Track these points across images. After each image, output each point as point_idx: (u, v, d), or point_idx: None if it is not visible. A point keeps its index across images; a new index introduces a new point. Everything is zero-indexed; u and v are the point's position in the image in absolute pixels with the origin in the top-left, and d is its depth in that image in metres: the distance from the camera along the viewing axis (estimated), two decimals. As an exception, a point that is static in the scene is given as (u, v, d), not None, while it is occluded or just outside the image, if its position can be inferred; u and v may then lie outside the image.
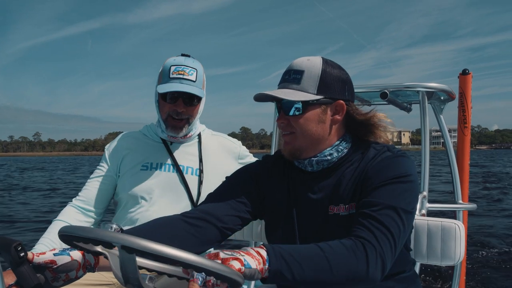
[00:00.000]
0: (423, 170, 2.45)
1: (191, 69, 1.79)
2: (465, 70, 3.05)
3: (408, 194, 1.17)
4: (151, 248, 0.76)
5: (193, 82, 1.78)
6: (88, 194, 1.85)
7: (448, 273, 4.92)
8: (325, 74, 1.24)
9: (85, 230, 0.82)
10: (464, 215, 2.98)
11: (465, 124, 3.14)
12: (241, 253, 0.92)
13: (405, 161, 1.22)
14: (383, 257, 1.06)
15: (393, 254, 1.09)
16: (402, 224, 1.12)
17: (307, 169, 1.31)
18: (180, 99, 1.77)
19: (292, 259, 0.99)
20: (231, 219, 1.30)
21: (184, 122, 1.82)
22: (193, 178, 1.87)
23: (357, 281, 1.03)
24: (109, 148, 1.95)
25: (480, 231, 7.53)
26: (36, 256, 1.00)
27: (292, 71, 1.25)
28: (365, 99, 2.90)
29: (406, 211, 1.14)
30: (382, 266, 1.05)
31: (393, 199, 1.14)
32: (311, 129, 1.25)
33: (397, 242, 1.10)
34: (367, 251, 1.04)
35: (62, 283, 1.03)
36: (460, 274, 2.69)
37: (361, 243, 1.06)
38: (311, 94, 1.22)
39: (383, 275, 1.06)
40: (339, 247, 1.04)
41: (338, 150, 1.28)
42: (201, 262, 0.77)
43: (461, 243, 1.57)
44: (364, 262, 1.03)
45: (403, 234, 1.13)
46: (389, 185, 1.16)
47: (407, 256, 1.34)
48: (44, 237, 1.70)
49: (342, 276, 1.01)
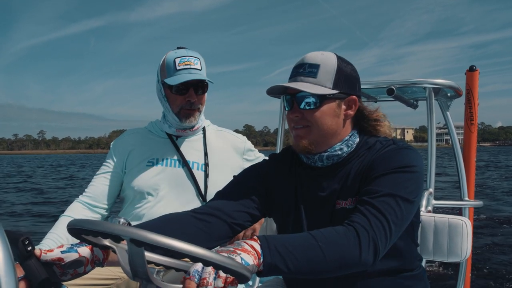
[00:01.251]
0: (429, 167, 2.44)
1: (195, 59, 1.82)
2: (472, 67, 3.02)
3: (410, 184, 1.16)
4: (161, 242, 0.76)
5: (200, 70, 1.81)
6: (95, 190, 1.86)
7: (454, 269, 4.90)
8: (340, 69, 1.25)
9: (94, 223, 0.82)
10: (470, 212, 2.97)
11: (472, 121, 3.12)
12: (237, 251, 0.90)
13: (409, 152, 1.22)
14: (376, 241, 1.05)
15: (388, 240, 1.08)
16: (400, 211, 1.11)
17: (316, 165, 1.31)
18: (191, 88, 1.80)
19: (286, 251, 0.98)
20: (241, 215, 1.30)
21: (196, 111, 1.85)
22: (199, 173, 1.87)
23: (350, 266, 1.04)
24: (115, 144, 1.96)
25: (486, 227, 7.51)
26: (43, 253, 1.00)
27: (307, 64, 1.25)
28: (371, 96, 2.88)
29: (405, 199, 1.13)
30: (374, 250, 1.05)
31: (393, 187, 1.14)
32: (326, 123, 1.25)
33: (393, 228, 1.09)
34: (359, 235, 1.05)
35: (70, 277, 1.03)
36: (466, 271, 2.68)
37: (353, 228, 1.06)
38: (327, 88, 1.23)
39: (376, 260, 1.06)
40: (331, 234, 1.04)
41: (348, 145, 1.29)
42: (210, 255, 0.77)
43: (468, 239, 1.57)
44: (356, 246, 1.03)
45: (401, 222, 1.12)
46: (391, 174, 1.16)
47: (415, 253, 1.34)
48: (51, 232, 1.71)
49: (336, 262, 1.02)
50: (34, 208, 11.99)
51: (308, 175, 1.33)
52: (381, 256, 1.08)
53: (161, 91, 1.85)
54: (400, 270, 1.26)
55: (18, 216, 10.71)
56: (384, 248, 1.08)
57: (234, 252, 0.89)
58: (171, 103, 1.83)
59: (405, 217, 1.14)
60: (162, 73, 1.84)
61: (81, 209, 1.82)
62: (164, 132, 1.93)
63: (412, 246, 1.31)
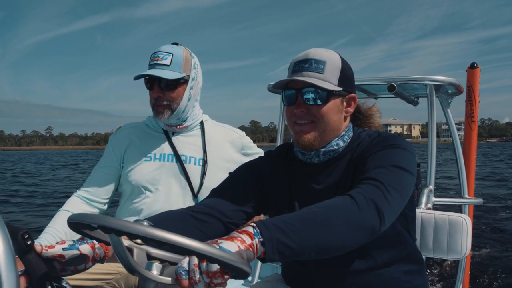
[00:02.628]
0: (429, 164, 2.43)
1: (165, 54, 1.78)
2: (473, 64, 3.02)
3: (404, 157, 1.16)
4: (144, 232, 0.76)
5: (167, 66, 1.77)
6: (93, 185, 1.85)
7: (453, 266, 4.91)
8: (344, 67, 1.28)
9: (83, 216, 0.83)
10: (470, 209, 2.98)
11: (473, 118, 3.12)
12: (218, 240, 0.84)
13: (397, 137, 1.24)
14: (376, 201, 1.02)
15: (388, 200, 1.04)
16: (394, 176, 1.09)
17: (312, 161, 1.31)
18: (155, 84, 1.78)
19: (284, 223, 0.91)
20: (236, 214, 1.30)
21: (166, 107, 1.80)
22: (196, 168, 1.87)
23: (357, 227, 0.97)
24: (112, 139, 1.95)
25: (485, 224, 7.51)
26: (44, 250, 1.00)
27: (313, 60, 1.25)
28: (372, 92, 2.88)
29: (404, 168, 1.12)
30: (376, 209, 1.01)
31: (388, 159, 1.14)
32: (332, 118, 1.26)
33: (390, 191, 1.06)
34: (355, 199, 1.01)
35: (70, 273, 1.03)
36: (465, 268, 2.69)
37: (348, 195, 1.04)
38: (333, 84, 1.24)
39: (382, 222, 1.01)
40: (328, 202, 1.01)
41: (344, 140, 1.30)
42: (209, 250, 0.77)
43: (468, 237, 1.57)
44: (356, 207, 0.99)
45: (399, 186, 1.09)
46: (384, 150, 1.18)
47: (414, 246, 1.34)
48: (49, 226, 1.70)
49: (341, 225, 0.95)
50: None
51: (303, 171, 1.33)
52: (387, 221, 1.02)
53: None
54: (393, 264, 1.26)
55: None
56: (387, 210, 1.02)
57: (214, 243, 0.83)
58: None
59: (405, 185, 1.11)
60: None
61: (79, 203, 1.81)
62: (160, 127, 1.92)
63: (408, 238, 1.31)
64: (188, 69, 1.81)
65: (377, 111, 1.42)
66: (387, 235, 1.16)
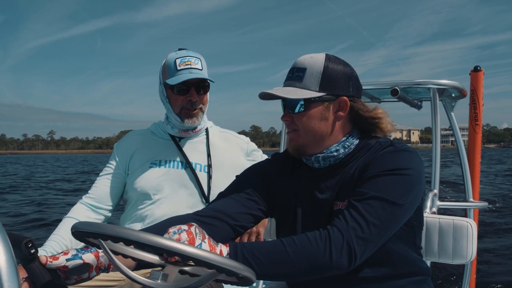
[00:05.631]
0: (434, 168, 2.43)
1: (196, 59, 1.82)
2: (477, 67, 3.01)
3: (400, 186, 1.13)
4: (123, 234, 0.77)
5: (200, 70, 1.81)
6: (98, 192, 1.86)
7: (459, 271, 4.88)
8: (328, 70, 1.23)
9: (94, 226, 0.83)
10: (475, 213, 2.96)
11: (477, 122, 3.10)
12: (203, 239, 0.97)
13: (405, 155, 1.19)
14: (351, 243, 1.05)
15: (366, 242, 1.07)
16: (384, 214, 1.09)
17: (314, 166, 1.30)
18: (192, 88, 1.79)
19: (252, 255, 1.03)
20: (244, 217, 1.30)
21: (198, 111, 1.84)
22: (202, 174, 1.87)
23: (321, 269, 1.05)
24: (118, 146, 1.97)
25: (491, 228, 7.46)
26: (49, 262, 1.01)
27: (296, 69, 1.26)
28: (375, 96, 2.87)
29: (392, 202, 1.11)
30: (349, 252, 1.05)
31: (381, 190, 1.12)
32: (313, 126, 1.25)
33: (373, 231, 1.07)
34: (331, 239, 1.05)
35: (74, 282, 1.03)
36: (470, 273, 2.66)
37: (327, 231, 1.07)
38: (313, 91, 1.22)
39: (352, 263, 1.05)
40: (302, 238, 1.07)
41: (345, 146, 1.27)
42: (212, 258, 0.77)
43: (473, 241, 1.55)
44: (327, 250, 1.04)
45: (385, 225, 1.10)
46: (381, 177, 1.15)
47: (416, 258, 1.31)
48: (55, 233, 1.71)
49: (304, 266, 1.04)
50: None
51: (308, 176, 1.33)
52: (361, 259, 1.07)
53: (163, 93, 1.86)
54: (397, 276, 1.24)
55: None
56: (362, 251, 1.07)
57: (202, 235, 0.97)
58: (173, 104, 1.83)
59: (391, 220, 1.11)
60: (163, 74, 1.84)
61: (85, 210, 1.82)
62: (167, 134, 1.93)
63: (409, 251, 1.28)
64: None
65: (384, 113, 1.31)
66: (389, 251, 1.19)
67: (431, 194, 2.34)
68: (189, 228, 0.95)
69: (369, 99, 2.92)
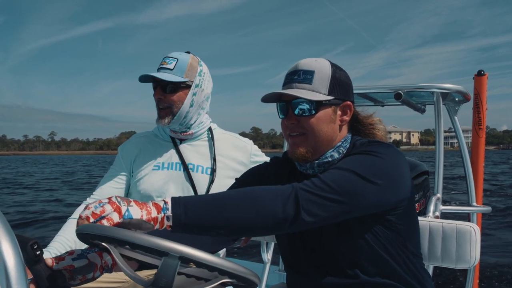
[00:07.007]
0: (437, 172, 2.42)
1: (171, 59, 1.82)
2: (481, 71, 3.01)
3: (376, 167, 1.11)
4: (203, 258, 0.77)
5: (170, 70, 1.80)
6: (102, 194, 1.87)
7: (462, 275, 4.86)
8: (336, 74, 1.25)
9: (99, 228, 0.83)
10: (478, 217, 2.95)
11: (480, 126, 3.10)
12: (130, 203, 0.94)
13: (383, 145, 1.19)
14: (298, 194, 1.03)
15: (315, 197, 1.04)
16: (350, 184, 1.07)
17: (308, 172, 1.30)
18: (158, 87, 1.82)
19: (197, 201, 0.99)
20: None
21: (168, 112, 1.82)
22: (204, 177, 1.87)
23: (268, 216, 1.00)
24: (122, 148, 1.98)
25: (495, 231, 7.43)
26: (55, 263, 1.01)
27: (302, 71, 1.25)
28: (379, 100, 2.88)
29: (364, 177, 1.08)
30: (295, 202, 1.02)
31: (344, 163, 1.13)
32: (323, 129, 1.24)
33: (327, 190, 1.05)
34: (281, 189, 1.04)
35: (79, 282, 1.04)
36: (473, 278, 2.66)
37: (283, 186, 1.06)
38: (322, 94, 1.23)
39: (299, 215, 1.02)
40: (252, 188, 1.05)
41: (339, 151, 1.27)
42: (221, 263, 0.77)
43: (477, 246, 1.55)
44: (273, 196, 1.02)
45: (348, 192, 1.06)
46: (356, 155, 1.16)
47: (414, 264, 1.28)
48: (59, 235, 1.71)
49: (250, 209, 0.99)
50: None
51: (301, 180, 1.33)
52: (310, 215, 1.03)
53: None
54: (391, 284, 1.22)
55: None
56: (309, 205, 1.03)
57: (126, 201, 0.93)
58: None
59: (358, 193, 1.07)
60: None
61: (88, 212, 1.83)
62: (168, 136, 1.94)
63: (404, 258, 1.24)
64: (192, 75, 1.83)
65: (379, 122, 1.35)
66: (377, 254, 1.18)
67: (434, 198, 2.34)
68: (109, 200, 0.94)
69: (373, 103, 2.92)
